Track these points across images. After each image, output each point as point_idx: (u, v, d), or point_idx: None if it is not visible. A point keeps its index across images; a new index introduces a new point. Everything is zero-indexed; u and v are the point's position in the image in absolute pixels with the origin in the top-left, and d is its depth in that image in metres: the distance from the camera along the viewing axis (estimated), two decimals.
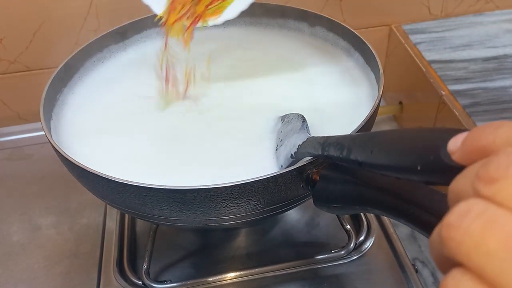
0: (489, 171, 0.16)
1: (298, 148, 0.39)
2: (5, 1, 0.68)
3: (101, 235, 0.56)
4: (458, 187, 0.18)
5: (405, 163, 0.24)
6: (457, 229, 0.16)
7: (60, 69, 0.51)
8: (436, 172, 0.22)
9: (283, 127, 0.45)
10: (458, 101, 0.65)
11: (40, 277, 0.53)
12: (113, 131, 0.49)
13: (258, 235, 0.55)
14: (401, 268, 0.50)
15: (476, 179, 0.17)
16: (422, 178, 0.23)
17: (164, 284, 0.48)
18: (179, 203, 0.37)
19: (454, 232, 0.16)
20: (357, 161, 0.29)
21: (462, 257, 0.16)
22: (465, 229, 0.16)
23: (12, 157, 0.70)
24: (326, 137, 0.35)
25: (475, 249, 0.15)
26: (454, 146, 0.20)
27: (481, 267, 0.15)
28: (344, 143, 0.31)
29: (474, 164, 0.18)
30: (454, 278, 0.16)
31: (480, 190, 0.16)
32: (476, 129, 0.19)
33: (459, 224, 0.16)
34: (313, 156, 0.37)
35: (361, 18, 0.80)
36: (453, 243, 0.16)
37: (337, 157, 0.32)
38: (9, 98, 0.77)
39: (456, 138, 0.20)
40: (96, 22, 0.72)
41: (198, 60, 0.54)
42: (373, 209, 0.34)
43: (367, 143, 0.29)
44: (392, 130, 0.28)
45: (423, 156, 0.23)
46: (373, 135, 0.30)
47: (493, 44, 0.76)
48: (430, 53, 0.75)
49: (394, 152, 0.26)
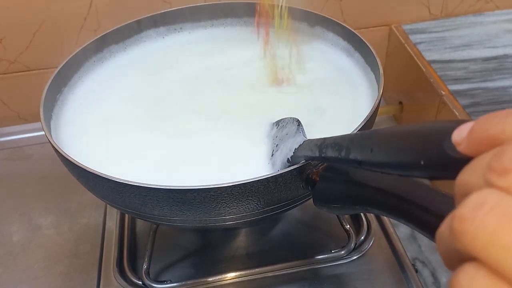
0: (503, 161, 0.15)
1: (294, 152, 0.38)
2: (5, 1, 0.68)
3: (101, 235, 0.56)
4: (466, 179, 0.17)
5: (407, 159, 0.23)
6: (471, 221, 0.15)
7: (60, 69, 0.51)
8: (440, 166, 0.21)
9: (278, 132, 0.44)
10: (458, 101, 0.66)
11: (40, 277, 0.53)
12: (113, 131, 0.49)
13: (258, 235, 0.55)
14: (401, 268, 0.50)
15: (489, 170, 0.16)
16: (426, 173, 0.23)
17: (164, 284, 0.48)
18: (179, 203, 0.37)
19: (468, 224, 0.15)
20: (356, 161, 0.29)
21: (476, 251, 0.15)
22: (480, 222, 0.15)
23: (12, 157, 0.70)
24: (323, 138, 0.34)
25: (491, 242, 0.15)
26: (459, 136, 0.19)
27: (498, 262, 0.15)
28: (342, 144, 0.31)
29: (482, 155, 0.17)
30: (467, 273, 0.15)
31: (494, 182, 0.15)
32: (483, 119, 0.18)
33: (473, 217, 0.15)
34: (310, 159, 0.36)
35: (361, 18, 0.80)
36: (467, 236, 0.15)
37: (335, 158, 0.31)
38: (9, 98, 0.77)
39: (460, 128, 0.19)
40: (96, 22, 0.72)
41: None
42: (373, 209, 0.34)
43: (366, 142, 0.28)
44: (391, 127, 0.27)
45: (426, 150, 0.22)
46: (371, 133, 0.29)
47: (493, 44, 0.76)
48: (430, 53, 0.75)
49: (395, 148, 0.25)
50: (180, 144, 0.47)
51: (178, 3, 0.63)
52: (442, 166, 0.21)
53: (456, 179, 0.18)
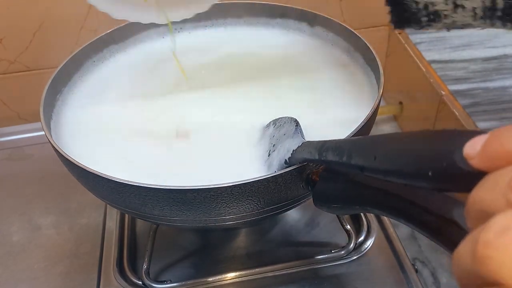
0: None
1: (292, 154, 0.37)
2: (5, 1, 0.68)
3: (101, 235, 0.56)
4: (482, 196, 0.16)
5: (414, 169, 0.22)
6: (497, 247, 0.14)
7: (60, 69, 0.51)
8: (449, 179, 0.20)
9: (275, 132, 0.43)
10: (458, 101, 0.65)
11: (40, 277, 0.53)
12: (113, 131, 0.49)
13: (258, 235, 0.55)
14: (401, 268, 0.50)
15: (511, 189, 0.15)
16: (433, 185, 0.21)
17: (164, 284, 0.48)
18: (179, 203, 0.37)
19: (495, 251, 0.14)
20: (359, 167, 0.28)
21: (503, 279, 0.14)
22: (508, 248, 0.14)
23: (12, 157, 0.70)
24: (323, 141, 0.33)
25: None
26: (473, 150, 0.18)
27: None
28: (343, 148, 0.30)
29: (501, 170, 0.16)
30: None
31: None
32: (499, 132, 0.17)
33: (500, 242, 0.14)
34: (309, 162, 0.36)
35: (361, 18, 0.80)
36: (493, 263, 0.14)
37: (336, 162, 0.30)
38: (9, 98, 0.77)
39: (474, 141, 0.18)
40: (96, 22, 0.72)
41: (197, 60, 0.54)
42: (373, 209, 0.34)
43: (370, 148, 0.27)
44: (396, 134, 0.26)
45: (435, 161, 0.21)
46: (375, 139, 0.28)
47: (493, 44, 0.76)
48: (430, 53, 0.75)
49: (401, 157, 0.24)
50: (180, 143, 0.47)
51: None
52: (451, 179, 0.20)
53: (471, 194, 0.17)
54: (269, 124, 0.46)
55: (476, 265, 0.15)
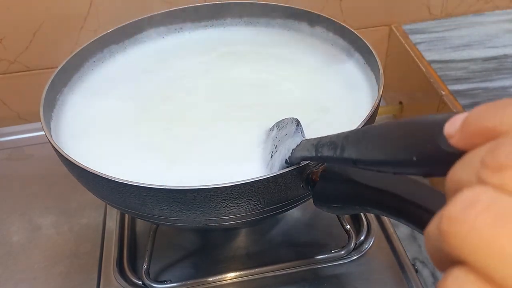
0: (499, 156, 0.14)
1: (292, 153, 0.37)
2: (5, 1, 0.68)
3: (101, 235, 0.56)
4: (458, 175, 0.16)
5: (399, 155, 0.22)
6: (461, 222, 0.14)
7: (60, 69, 0.51)
8: (433, 162, 0.19)
9: (277, 133, 0.43)
10: (458, 101, 0.66)
11: (40, 277, 0.53)
12: (113, 131, 0.49)
13: (258, 235, 0.55)
14: (401, 268, 0.50)
15: (482, 166, 0.14)
16: (419, 170, 0.21)
17: (164, 284, 0.48)
18: (179, 203, 0.37)
19: (458, 226, 0.14)
20: (351, 160, 0.27)
21: (466, 255, 0.14)
22: (472, 223, 0.13)
23: (12, 157, 0.70)
24: (319, 138, 0.33)
25: (483, 247, 0.13)
26: (452, 128, 0.18)
27: (490, 268, 0.13)
28: (337, 142, 0.30)
29: (476, 149, 0.15)
30: (456, 279, 0.14)
31: (487, 179, 0.14)
32: (478, 109, 0.16)
33: (463, 217, 0.14)
34: (307, 160, 0.36)
35: (361, 18, 0.80)
36: (456, 238, 0.14)
37: (331, 157, 0.30)
38: (9, 98, 0.77)
39: (453, 119, 0.18)
40: (96, 22, 0.72)
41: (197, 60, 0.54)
42: (373, 209, 0.34)
43: (360, 140, 0.27)
44: (385, 123, 0.25)
45: (418, 145, 0.20)
46: (366, 130, 0.27)
47: (493, 44, 0.76)
48: (430, 53, 0.75)
49: (387, 145, 0.23)
50: (180, 144, 0.47)
51: (178, 3, 0.63)
52: (436, 162, 0.19)
53: (447, 174, 0.16)
54: (272, 126, 0.46)
55: (441, 241, 0.14)
